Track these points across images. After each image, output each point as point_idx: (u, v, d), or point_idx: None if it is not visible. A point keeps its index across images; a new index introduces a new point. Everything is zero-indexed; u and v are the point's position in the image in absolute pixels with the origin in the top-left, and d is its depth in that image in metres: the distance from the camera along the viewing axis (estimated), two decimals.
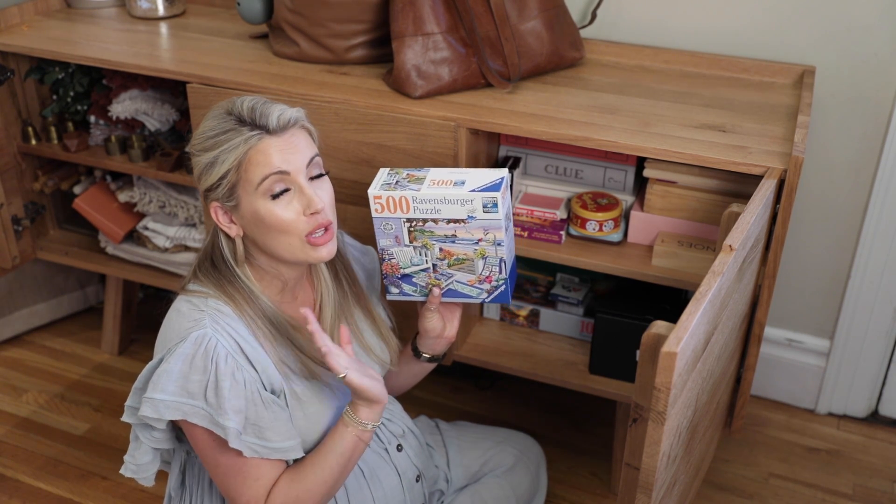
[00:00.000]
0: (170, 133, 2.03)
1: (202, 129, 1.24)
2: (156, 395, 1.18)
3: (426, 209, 1.35)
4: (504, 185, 1.33)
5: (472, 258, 1.39)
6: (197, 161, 1.24)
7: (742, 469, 1.98)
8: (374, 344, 1.43)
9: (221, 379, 1.18)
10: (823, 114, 1.84)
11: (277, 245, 1.24)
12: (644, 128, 1.56)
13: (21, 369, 2.27)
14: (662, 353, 1.00)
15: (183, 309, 1.24)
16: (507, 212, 1.35)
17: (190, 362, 1.19)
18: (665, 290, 1.76)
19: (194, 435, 1.23)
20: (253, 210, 1.22)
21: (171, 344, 1.21)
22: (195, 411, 1.18)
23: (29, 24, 2.03)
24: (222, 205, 1.24)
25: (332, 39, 1.78)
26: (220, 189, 1.22)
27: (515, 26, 1.71)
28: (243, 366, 1.21)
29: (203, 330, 1.20)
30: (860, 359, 2.05)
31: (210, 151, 1.22)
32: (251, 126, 1.21)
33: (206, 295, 1.25)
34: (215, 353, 1.19)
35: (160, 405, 1.18)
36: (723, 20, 1.85)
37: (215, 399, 1.18)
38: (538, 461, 1.72)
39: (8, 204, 2.06)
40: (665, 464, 1.14)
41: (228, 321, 1.23)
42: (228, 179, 1.21)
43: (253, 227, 1.24)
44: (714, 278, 1.13)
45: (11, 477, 1.94)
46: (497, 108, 1.62)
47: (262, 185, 1.20)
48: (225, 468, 1.23)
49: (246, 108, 1.22)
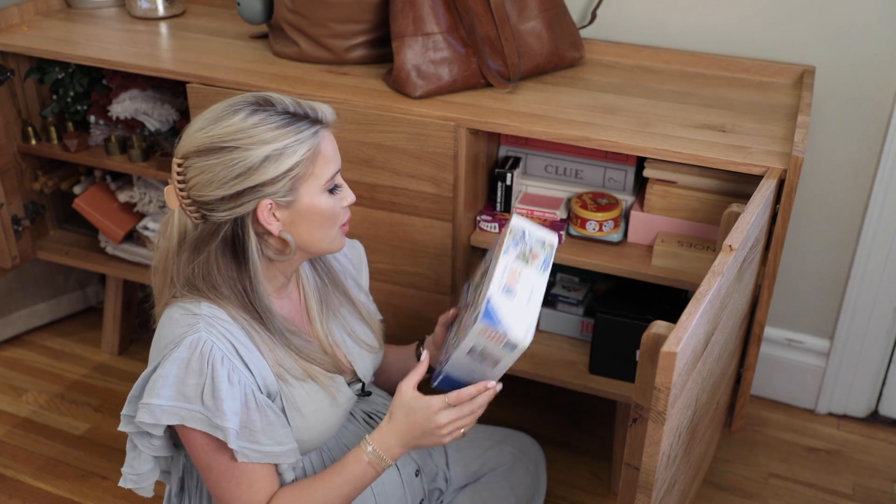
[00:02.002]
0: (170, 133, 2.03)
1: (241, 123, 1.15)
2: (152, 401, 1.17)
3: None
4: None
5: None
6: (243, 156, 1.15)
7: (742, 469, 1.98)
8: (360, 331, 1.42)
9: (218, 381, 1.17)
10: (823, 114, 1.84)
11: (321, 237, 1.24)
12: (644, 128, 1.56)
13: (21, 369, 2.27)
14: (662, 353, 1.00)
15: (175, 315, 1.22)
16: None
17: (185, 366, 1.17)
18: (665, 290, 1.76)
19: (190, 440, 1.21)
20: (311, 204, 1.20)
21: (166, 350, 1.20)
22: (192, 415, 1.17)
23: (29, 24, 2.03)
24: (276, 201, 1.18)
25: (332, 39, 1.78)
26: (281, 183, 1.16)
27: (515, 26, 1.71)
28: (239, 368, 1.19)
29: (197, 334, 1.18)
30: (860, 359, 2.05)
31: (271, 144, 1.15)
32: (311, 119, 1.19)
33: (197, 299, 1.22)
34: (211, 356, 1.17)
35: (157, 410, 1.17)
36: (723, 20, 1.85)
37: (212, 402, 1.17)
38: (538, 461, 1.72)
39: (8, 204, 2.06)
40: (665, 464, 1.14)
41: (224, 324, 1.21)
42: (295, 173, 1.17)
43: (303, 221, 1.21)
44: (714, 278, 1.13)
45: (11, 477, 1.94)
46: (497, 108, 1.63)
47: (330, 179, 1.21)
48: (218, 473, 1.22)
49: (291, 102, 1.19)
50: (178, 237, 1.23)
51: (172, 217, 1.24)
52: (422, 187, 1.63)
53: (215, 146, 1.15)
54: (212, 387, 1.17)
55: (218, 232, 1.20)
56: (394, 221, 1.69)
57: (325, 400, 1.31)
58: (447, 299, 1.73)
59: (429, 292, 1.74)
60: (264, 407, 1.21)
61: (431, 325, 1.77)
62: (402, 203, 1.66)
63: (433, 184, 1.62)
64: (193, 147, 1.17)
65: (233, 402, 1.18)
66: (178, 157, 1.19)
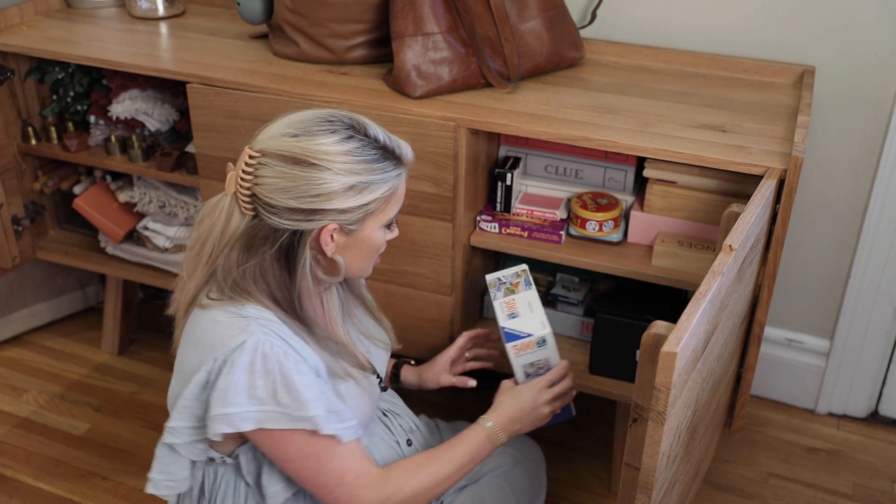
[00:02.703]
0: (170, 133, 2.03)
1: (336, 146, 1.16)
2: (228, 410, 1.16)
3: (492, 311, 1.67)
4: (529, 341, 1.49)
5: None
6: (331, 179, 1.16)
7: (742, 469, 1.98)
8: (372, 329, 1.45)
9: (289, 376, 1.17)
10: (823, 114, 1.84)
11: (361, 265, 1.28)
12: (644, 128, 1.56)
13: (21, 369, 2.27)
14: (662, 353, 1.00)
15: (220, 318, 1.20)
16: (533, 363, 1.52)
17: (251, 370, 1.16)
18: (665, 290, 1.75)
19: (273, 442, 1.20)
20: (369, 237, 1.24)
21: (216, 353, 1.18)
22: (268, 416, 1.17)
23: (29, 24, 2.03)
24: (342, 227, 1.20)
25: (332, 39, 1.78)
26: (354, 213, 1.19)
27: (515, 26, 1.71)
28: (300, 361, 1.20)
29: (254, 336, 1.17)
30: (860, 359, 2.05)
31: (359, 175, 1.17)
32: (397, 160, 1.22)
33: (241, 301, 1.21)
34: (274, 354, 1.17)
35: (235, 418, 1.16)
36: (723, 20, 1.85)
37: (288, 397, 1.16)
38: (538, 461, 1.72)
39: (8, 204, 2.06)
40: (665, 464, 1.14)
41: (274, 325, 1.20)
42: (369, 207, 1.20)
43: (354, 249, 1.25)
44: (714, 278, 1.13)
45: (11, 477, 1.94)
46: (497, 108, 1.63)
47: (392, 218, 1.26)
48: (317, 458, 1.21)
49: (382, 136, 1.21)
50: (224, 224, 1.22)
51: (223, 202, 1.22)
52: (422, 187, 1.63)
53: (304, 159, 1.15)
54: (284, 383, 1.17)
55: (275, 239, 1.19)
56: None
57: (363, 396, 1.33)
58: (447, 299, 1.73)
59: (429, 292, 1.74)
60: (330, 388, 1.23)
61: (431, 324, 1.78)
62: None
63: (433, 184, 1.62)
64: (279, 150, 1.16)
65: (310, 390, 1.18)
66: (256, 150, 1.18)
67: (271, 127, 1.20)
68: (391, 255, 1.72)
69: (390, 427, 1.46)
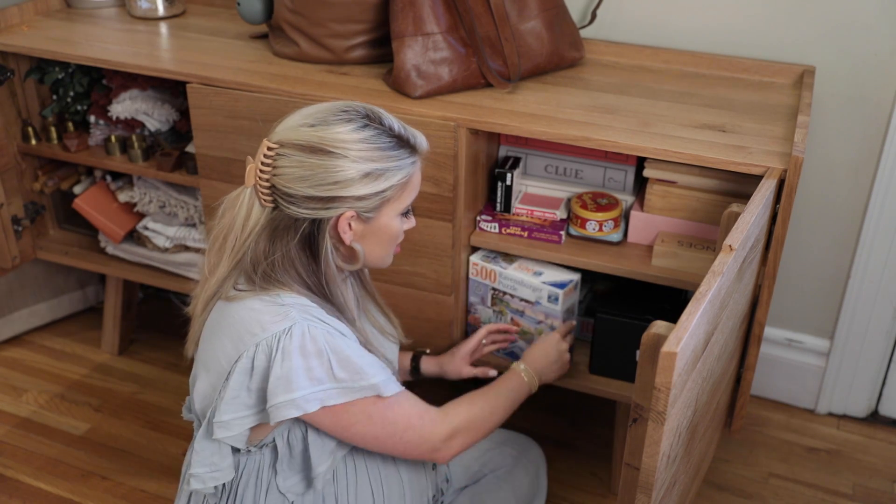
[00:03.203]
0: (170, 133, 2.03)
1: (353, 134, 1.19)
2: (294, 395, 1.18)
3: (506, 285, 1.73)
4: (571, 286, 1.70)
5: (533, 333, 1.75)
6: (347, 166, 1.18)
7: (742, 469, 1.98)
8: (383, 323, 1.47)
9: (341, 350, 1.20)
10: (823, 114, 1.84)
11: (380, 254, 1.30)
12: (644, 128, 1.56)
13: (21, 369, 2.27)
14: (662, 353, 1.00)
15: (257, 306, 1.21)
16: (570, 307, 1.72)
17: (304, 353, 1.18)
18: (665, 290, 1.75)
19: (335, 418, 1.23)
20: (387, 224, 1.26)
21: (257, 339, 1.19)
22: (329, 394, 1.20)
23: (29, 24, 2.03)
24: (359, 214, 1.23)
25: (332, 39, 1.78)
26: (371, 201, 1.21)
27: (515, 26, 1.71)
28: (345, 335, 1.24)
29: (297, 322, 1.19)
30: (860, 359, 2.05)
31: (375, 163, 1.19)
32: (410, 147, 1.24)
33: (276, 291, 1.23)
34: (321, 334, 1.20)
35: (300, 401, 1.19)
36: (723, 20, 1.85)
37: (345, 372, 1.20)
38: (538, 462, 1.72)
39: (8, 204, 2.06)
40: (665, 464, 1.14)
41: (311, 309, 1.23)
42: (385, 195, 1.22)
43: (372, 237, 1.27)
44: (714, 278, 1.13)
45: (11, 477, 1.94)
46: (497, 108, 1.63)
47: (408, 205, 1.27)
48: (382, 415, 1.25)
49: (398, 126, 1.24)
50: (245, 217, 1.24)
51: (243, 195, 1.25)
52: (422, 187, 1.63)
53: (322, 147, 1.18)
54: (338, 359, 1.20)
55: (297, 228, 1.22)
56: None
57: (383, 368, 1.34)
58: (447, 299, 1.73)
59: (429, 292, 1.74)
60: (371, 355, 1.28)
61: (431, 324, 1.77)
62: None
63: (433, 184, 1.62)
64: (297, 140, 1.19)
65: (363, 358, 1.23)
66: (274, 142, 1.20)
67: (289, 119, 1.23)
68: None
69: None
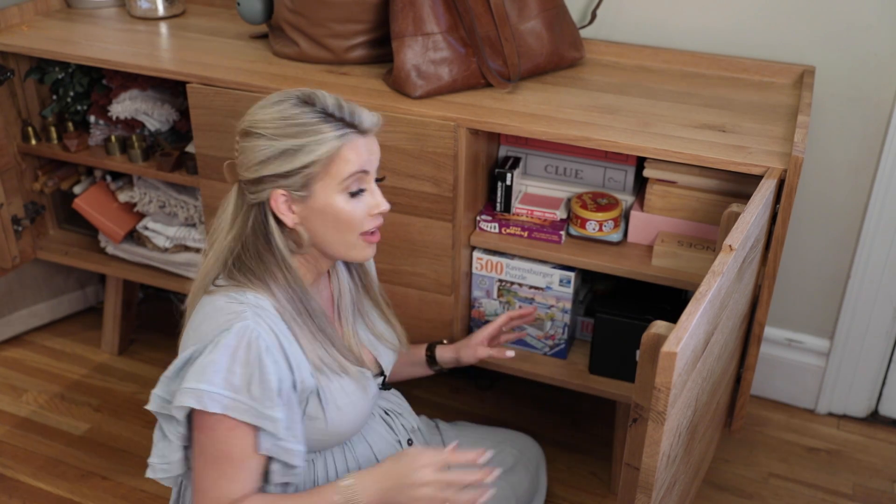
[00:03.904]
0: (170, 133, 2.03)
1: (276, 114, 1.21)
2: (202, 386, 1.16)
3: (514, 274, 1.73)
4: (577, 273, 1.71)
5: (543, 319, 1.76)
6: (267, 146, 1.20)
7: (742, 469, 1.98)
8: (383, 330, 1.45)
9: (266, 372, 1.17)
10: (823, 114, 1.84)
11: (335, 239, 1.26)
12: (644, 128, 1.56)
13: (21, 369, 2.27)
14: (662, 353, 1.00)
15: (220, 303, 1.22)
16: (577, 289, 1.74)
17: (233, 355, 1.17)
18: (665, 290, 1.76)
19: (211, 424, 1.19)
20: (326, 203, 1.22)
21: (212, 336, 1.18)
22: (237, 406, 1.17)
23: (29, 24, 2.03)
24: (289, 194, 1.22)
25: (332, 39, 1.78)
26: (295, 178, 1.20)
27: (515, 26, 1.71)
28: (280, 362, 1.20)
29: (246, 322, 1.18)
30: (860, 359, 2.05)
31: (293, 139, 1.19)
32: (342, 122, 1.21)
33: (243, 287, 1.23)
34: (258, 346, 1.17)
35: (205, 396, 1.16)
36: (723, 20, 1.85)
37: (261, 392, 1.17)
38: (538, 461, 1.72)
39: (8, 204, 2.06)
40: (665, 464, 1.14)
41: (269, 315, 1.21)
42: (310, 171, 1.20)
43: (317, 218, 1.24)
44: (714, 278, 1.13)
45: (11, 477, 1.94)
46: (497, 108, 1.63)
47: (346, 182, 1.22)
48: (216, 456, 1.19)
49: (332, 104, 1.22)
50: (229, 212, 1.28)
51: (230, 192, 1.28)
52: (422, 187, 1.63)
53: (251, 131, 1.21)
54: (260, 378, 1.17)
55: (249, 214, 1.25)
56: (394, 221, 1.69)
57: (358, 393, 1.32)
58: (447, 299, 1.73)
59: (429, 292, 1.74)
60: (293, 403, 1.22)
61: (431, 324, 1.77)
62: (402, 203, 1.66)
63: (433, 184, 1.62)
64: (240, 128, 1.24)
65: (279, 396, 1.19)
66: (236, 136, 1.25)
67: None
68: (391, 255, 1.72)
69: (392, 426, 1.46)
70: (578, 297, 1.81)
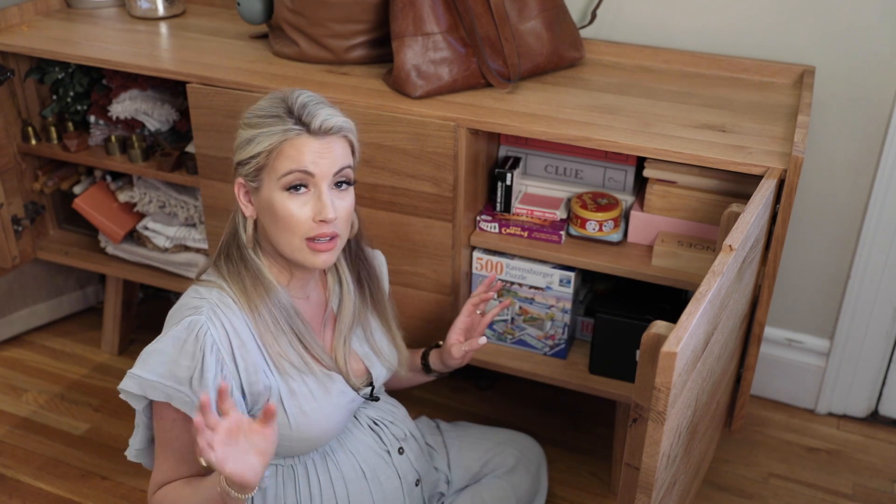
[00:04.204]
0: (170, 133, 2.03)
1: (257, 105, 1.27)
2: (143, 374, 1.21)
3: (514, 274, 1.73)
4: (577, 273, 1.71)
5: (543, 319, 1.76)
6: (239, 134, 1.27)
7: (742, 469, 1.98)
8: (383, 347, 1.45)
9: (207, 370, 1.20)
10: (823, 114, 1.84)
11: (280, 238, 1.27)
12: (644, 128, 1.56)
13: (21, 369, 2.27)
14: (662, 353, 1.00)
15: (186, 297, 1.27)
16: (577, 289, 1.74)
17: (181, 347, 1.20)
18: (665, 290, 1.76)
19: (163, 413, 1.24)
20: (269, 198, 1.25)
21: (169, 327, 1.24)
22: (180, 396, 1.20)
23: (29, 24, 2.03)
24: (246, 183, 1.27)
25: (332, 39, 1.78)
26: (248, 167, 1.25)
27: (515, 26, 1.71)
28: (225, 362, 1.23)
29: (198, 316, 1.22)
30: (860, 359, 2.05)
31: (252, 129, 1.25)
32: (295, 120, 1.23)
33: (214, 285, 1.27)
34: (203, 342, 1.20)
35: (146, 385, 1.21)
36: (723, 20, 1.85)
37: (200, 387, 1.20)
38: (538, 462, 1.72)
39: (8, 204, 2.06)
40: (665, 464, 1.14)
41: (228, 313, 1.24)
42: (258, 161, 1.24)
43: (265, 213, 1.27)
44: (714, 278, 1.13)
45: (11, 477, 1.94)
46: (497, 108, 1.63)
47: (284, 178, 1.23)
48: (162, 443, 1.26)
49: (298, 102, 1.24)
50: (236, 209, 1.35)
51: None
52: (422, 187, 1.63)
53: (239, 121, 1.29)
54: (201, 373, 1.20)
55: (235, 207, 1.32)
56: (394, 221, 1.69)
57: (325, 397, 1.31)
58: (447, 299, 1.73)
59: (429, 292, 1.74)
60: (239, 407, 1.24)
61: (431, 325, 1.77)
62: (402, 203, 1.66)
63: (433, 184, 1.62)
64: None
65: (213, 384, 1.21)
66: None
67: None
68: (391, 255, 1.72)
69: (381, 436, 1.44)
70: (578, 297, 1.82)
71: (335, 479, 1.36)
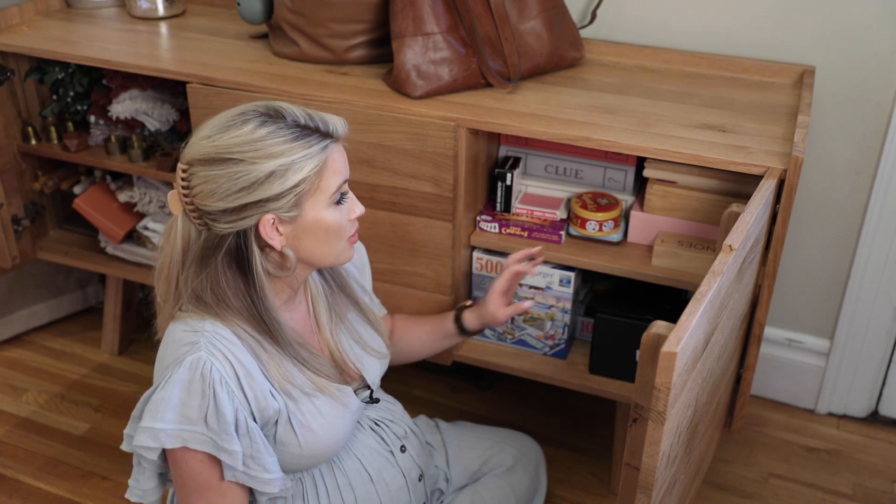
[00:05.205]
0: (170, 133, 2.03)
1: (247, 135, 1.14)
2: (155, 425, 1.15)
3: None
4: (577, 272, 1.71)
5: (543, 319, 1.75)
6: (247, 170, 1.13)
7: (742, 469, 1.98)
8: (368, 337, 1.42)
9: (221, 404, 1.15)
10: (823, 114, 1.84)
11: (326, 251, 1.23)
12: (644, 128, 1.56)
13: (21, 369, 2.27)
14: (662, 353, 1.00)
15: (178, 333, 1.19)
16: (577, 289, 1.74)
17: (188, 388, 1.15)
18: (665, 290, 1.76)
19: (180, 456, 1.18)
20: (317, 218, 1.19)
21: (168, 371, 1.17)
22: (195, 437, 1.15)
23: (29, 24, 2.03)
24: (279, 216, 1.17)
25: (332, 39, 1.78)
26: (285, 199, 1.15)
27: (515, 26, 1.71)
28: (234, 392, 1.17)
29: (198, 353, 1.15)
30: (860, 359, 2.05)
31: (278, 159, 1.13)
32: (319, 134, 1.17)
33: (202, 316, 1.19)
34: (211, 378, 1.15)
35: (161, 434, 1.15)
36: (723, 20, 1.85)
37: (217, 424, 1.15)
38: (538, 461, 1.72)
39: (8, 204, 2.06)
40: (665, 464, 1.14)
41: (226, 344, 1.18)
42: (301, 188, 1.15)
43: (306, 236, 1.20)
44: (714, 278, 1.13)
45: (11, 477, 1.94)
46: (497, 108, 1.63)
47: (335, 194, 1.19)
48: (195, 487, 1.19)
49: (302, 115, 1.17)
50: (182, 243, 1.21)
51: (176, 222, 1.22)
52: (422, 187, 1.63)
53: (221, 157, 1.14)
54: (215, 409, 1.15)
55: (222, 244, 1.18)
56: (394, 221, 1.69)
57: (336, 411, 1.29)
58: (447, 299, 1.73)
59: (428, 292, 1.74)
60: (254, 433, 1.19)
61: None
62: (402, 203, 1.66)
63: (433, 184, 1.62)
64: (199, 155, 1.15)
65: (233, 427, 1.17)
66: (183, 163, 1.17)
67: (194, 135, 1.18)
68: (391, 255, 1.72)
69: (384, 437, 1.43)
70: (578, 297, 1.82)
71: (342, 486, 1.36)
